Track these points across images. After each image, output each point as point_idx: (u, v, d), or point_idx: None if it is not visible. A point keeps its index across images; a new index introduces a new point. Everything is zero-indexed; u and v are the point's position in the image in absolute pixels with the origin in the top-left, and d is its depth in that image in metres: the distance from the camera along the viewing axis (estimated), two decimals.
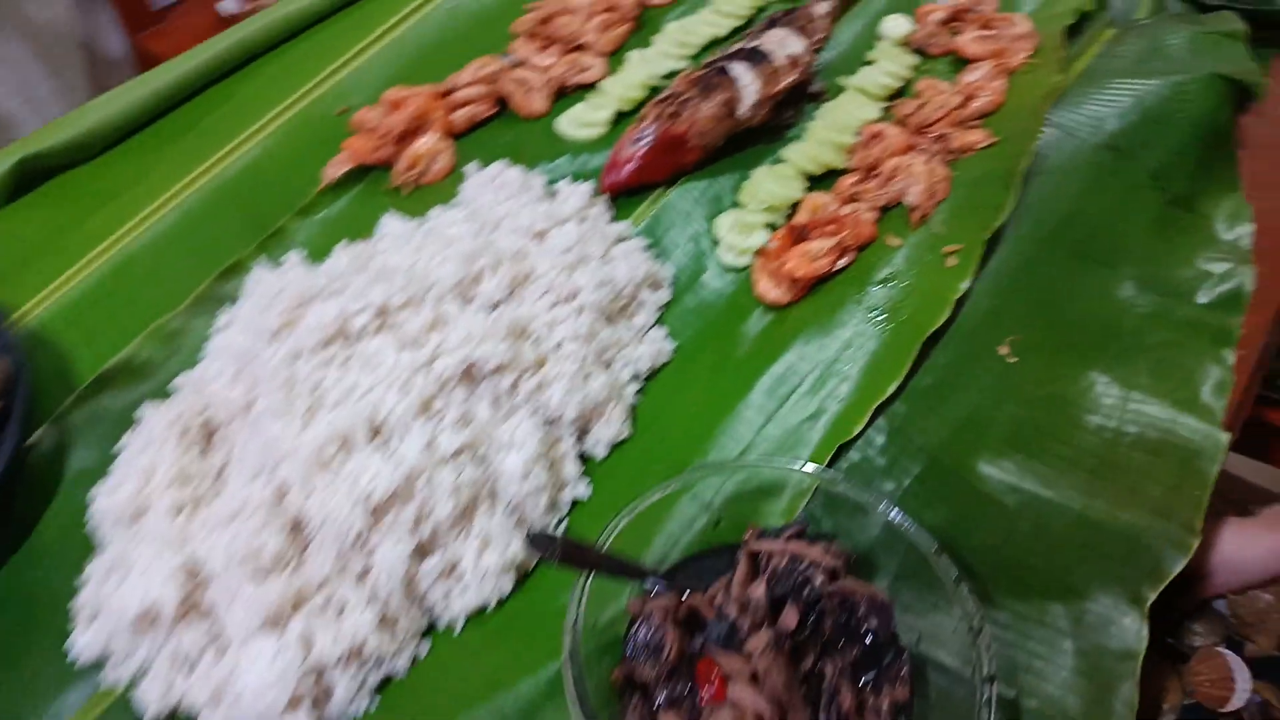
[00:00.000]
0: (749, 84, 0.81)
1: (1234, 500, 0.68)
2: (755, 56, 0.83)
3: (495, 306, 0.65)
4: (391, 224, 0.74)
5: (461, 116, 0.86)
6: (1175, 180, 0.82)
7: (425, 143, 0.82)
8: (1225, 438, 0.65)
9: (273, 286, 0.66)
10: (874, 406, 0.64)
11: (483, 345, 0.59)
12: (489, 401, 0.59)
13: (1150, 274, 0.76)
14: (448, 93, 0.87)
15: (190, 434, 0.60)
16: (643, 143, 0.79)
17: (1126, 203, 0.80)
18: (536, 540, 0.52)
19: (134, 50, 1.71)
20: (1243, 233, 0.80)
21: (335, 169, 0.81)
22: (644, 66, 0.92)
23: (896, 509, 0.53)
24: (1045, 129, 0.83)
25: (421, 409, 0.57)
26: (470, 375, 0.60)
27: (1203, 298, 0.75)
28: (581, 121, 0.87)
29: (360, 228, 0.76)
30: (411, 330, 0.60)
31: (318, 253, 0.74)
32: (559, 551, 0.49)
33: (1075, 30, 0.95)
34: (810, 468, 0.56)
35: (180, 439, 0.59)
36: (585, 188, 0.77)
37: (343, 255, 0.70)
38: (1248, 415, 0.70)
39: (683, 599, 0.51)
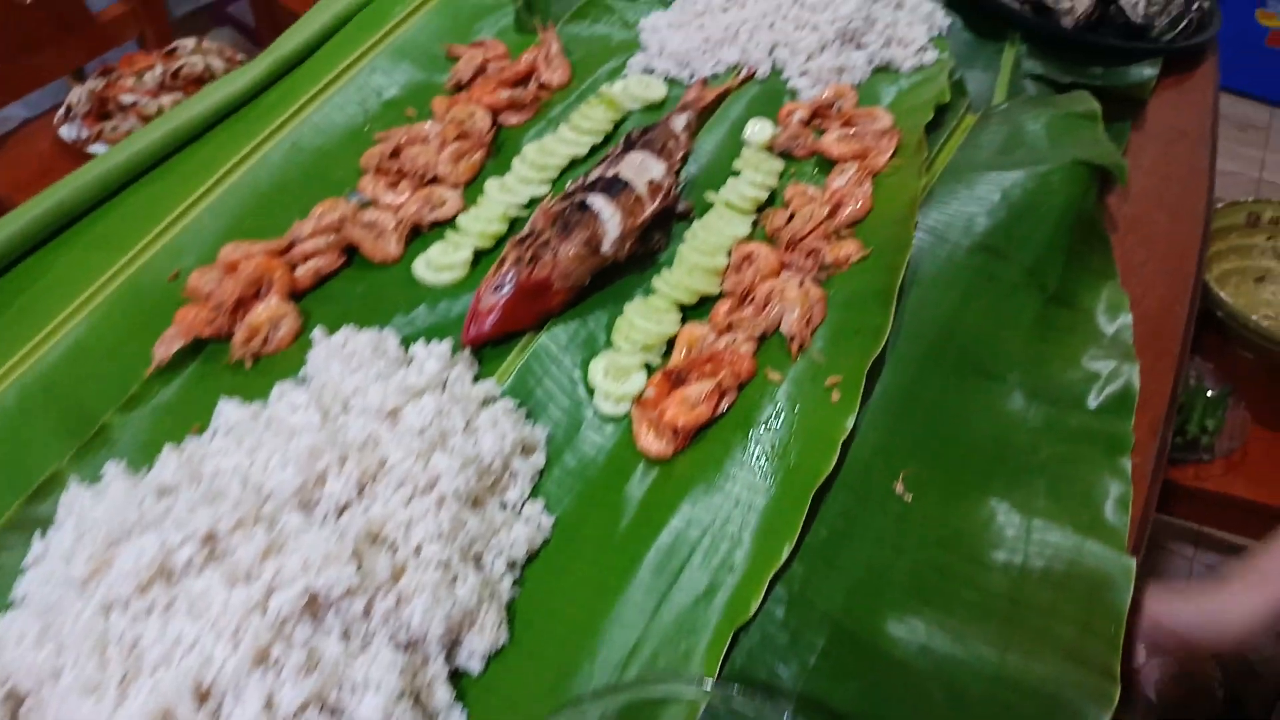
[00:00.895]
0: (610, 217, 0.77)
1: None
2: (615, 187, 0.79)
3: (342, 511, 0.59)
4: (228, 412, 0.67)
5: (306, 272, 0.79)
6: (1051, 276, 0.81)
7: (265, 309, 0.75)
8: (1132, 563, 0.62)
9: (86, 513, 0.58)
10: (769, 576, 0.60)
11: (326, 570, 0.53)
12: (338, 635, 0.53)
13: (1037, 381, 0.74)
14: (289, 246, 0.80)
15: None
16: (503, 291, 0.74)
17: (1006, 306, 0.79)
18: None
19: None
20: (1123, 324, 0.79)
21: (165, 348, 0.74)
22: (502, 197, 0.87)
23: None
24: (916, 235, 0.81)
25: (257, 660, 0.50)
26: (314, 607, 0.53)
27: (1093, 401, 0.73)
28: (438, 265, 0.81)
29: (196, 414, 0.69)
30: (244, 560, 0.53)
31: (149, 451, 0.66)
32: None
33: (936, 120, 0.94)
34: (699, 685, 0.50)
35: None
36: (444, 348, 0.71)
37: (170, 460, 0.62)
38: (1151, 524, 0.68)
39: None
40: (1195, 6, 1.13)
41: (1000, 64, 1.09)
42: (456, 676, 0.57)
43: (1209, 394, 1.22)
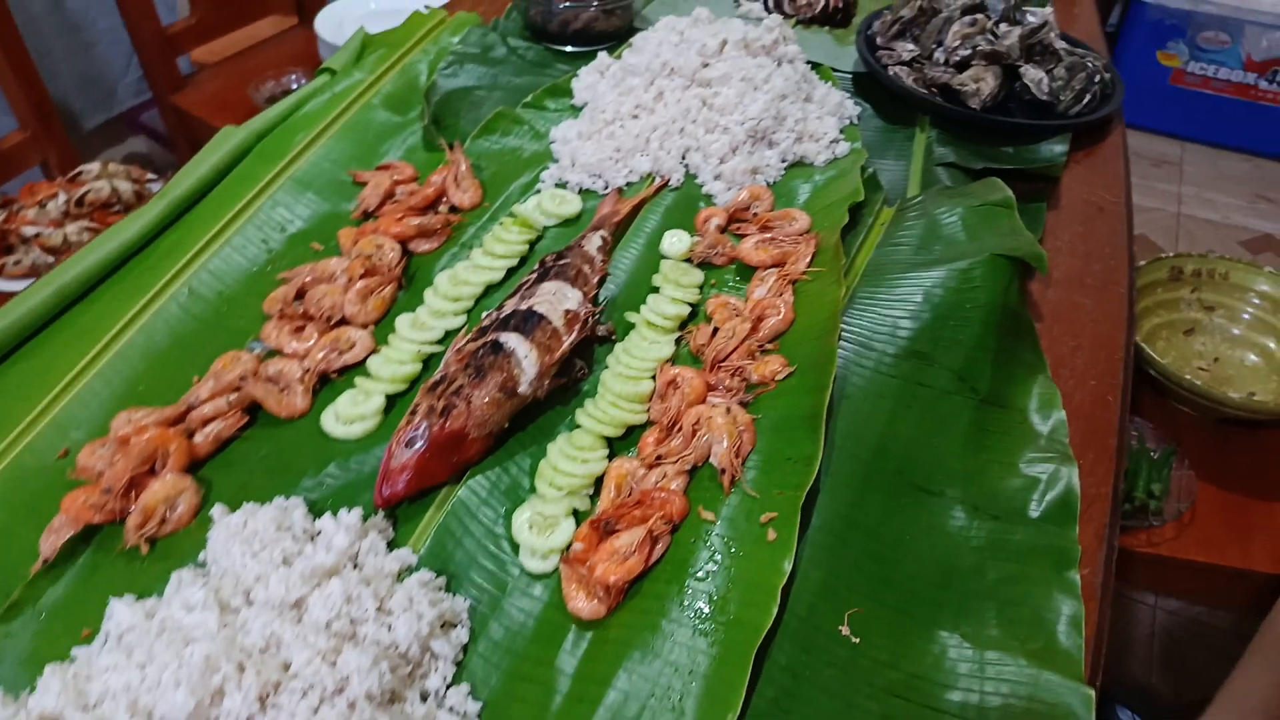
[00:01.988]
0: (526, 356, 0.74)
1: None
2: (529, 322, 0.76)
3: None
4: (120, 614, 0.61)
5: (206, 438, 0.75)
6: (981, 377, 0.79)
7: (160, 487, 0.70)
8: (1091, 693, 0.59)
9: None
10: None
11: None
12: None
13: (978, 494, 0.72)
14: (186, 412, 0.76)
15: None
16: (416, 446, 0.70)
17: (938, 414, 0.77)
18: None
19: None
20: (1057, 421, 0.77)
21: (52, 540, 0.68)
22: (414, 334, 0.84)
23: None
24: (840, 345, 0.80)
25: None
26: None
27: (1034, 510, 0.71)
28: (348, 417, 0.77)
29: (87, 616, 0.63)
30: None
31: (33, 665, 0.60)
32: None
33: (852, 219, 0.93)
34: None
35: None
36: (353, 518, 0.67)
37: (53, 684, 0.57)
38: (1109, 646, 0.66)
39: None
40: (1097, 79, 1.15)
41: (912, 151, 1.09)
42: None
43: (1153, 455, 1.21)
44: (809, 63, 1.19)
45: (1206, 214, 2.72)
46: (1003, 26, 1.17)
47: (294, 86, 1.82)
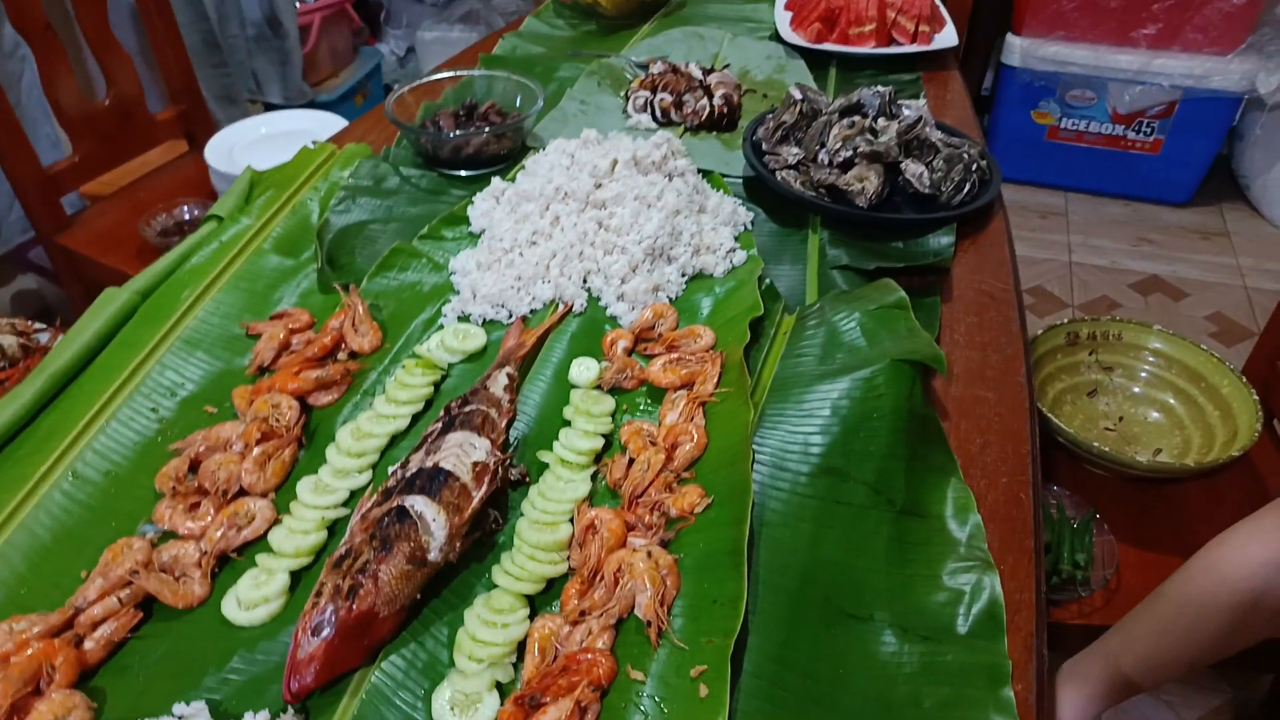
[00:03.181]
0: (434, 519, 0.72)
1: None
2: (435, 482, 0.74)
3: None
4: None
5: (96, 644, 0.69)
6: (896, 487, 0.79)
7: (47, 709, 0.64)
8: None
9: None
10: None
11: None
12: None
13: (905, 612, 0.71)
14: (73, 617, 0.70)
15: None
16: (324, 634, 0.66)
17: (858, 532, 0.76)
18: None
19: None
20: (974, 526, 0.78)
21: None
22: (317, 499, 0.80)
23: None
24: (755, 467, 0.79)
25: None
26: None
27: (962, 626, 0.70)
28: (249, 601, 0.73)
29: None
30: None
31: None
32: None
33: (754, 334, 0.94)
34: None
35: None
36: None
37: None
38: None
39: None
40: (975, 168, 1.20)
41: (807, 254, 1.11)
42: None
43: (1073, 523, 1.23)
44: (700, 170, 1.22)
45: (1096, 260, 2.85)
46: (881, 121, 1.21)
47: (186, 217, 1.78)
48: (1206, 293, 2.69)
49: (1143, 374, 1.42)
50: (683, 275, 1.05)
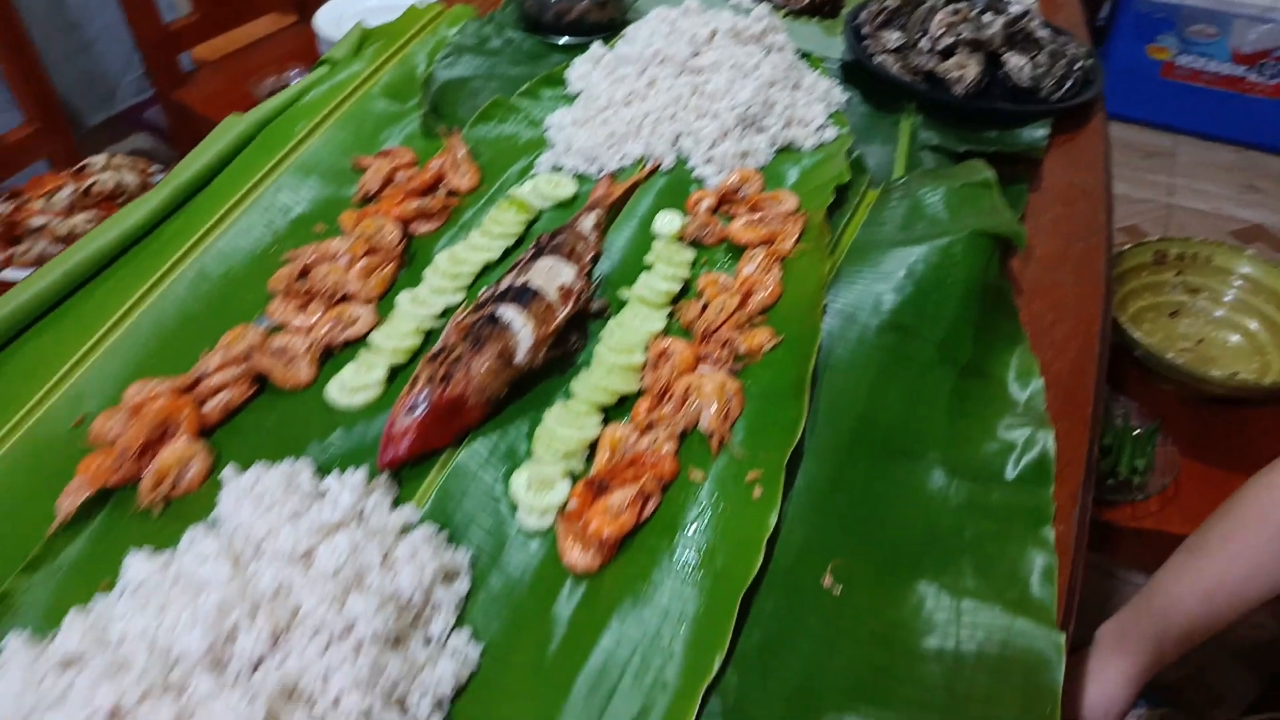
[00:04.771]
0: (522, 327, 0.77)
1: None
2: (525, 296, 0.79)
3: (256, 666, 0.56)
4: (135, 567, 0.64)
5: (215, 407, 0.78)
6: (962, 348, 0.82)
7: (172, 452, 0.73)
8: (1062, 637, 0.63)
9: None
10: (702, 690, 0.58)
11: None
12: None
13: (956, 457, 0.75)
14: (196, 382, 0.78)
15: None
16: (418, 413, 0.73)
17: (920, 384, 0.80)
18: None
19: None
20: (1035, 390, 0.80)
21: (70, 501, 0.71)
22: (415, 309, 0.87)
23: None
24: (826, 318, 0.83)
25: None
26: None
27: (1010, 473, 0.74)
28: (352, 387, 0.80)
29: (105, 569, 0.66)
30: None
31: (55, 614, 0.63)
32: None
33: (838, 200, 0.96)
34: None
35: None
36: (358, 478, 0.70)
37: (75, 627, 0.59)
38: (1081, 597, 0.69)
39: None
40: (1078, 66, 1.18)
41: (898, 136, 1.12)
42: None
43: (1136, 432, 1.24)
44: (798, 51, 1.22)
45: (1198, 204, 2.75)
46: (986, 15, 1.20)
47: (294, 81, 1.84)
48: None
49: (1228, 298, 1.39)
50: (772, 146, 1.07)
